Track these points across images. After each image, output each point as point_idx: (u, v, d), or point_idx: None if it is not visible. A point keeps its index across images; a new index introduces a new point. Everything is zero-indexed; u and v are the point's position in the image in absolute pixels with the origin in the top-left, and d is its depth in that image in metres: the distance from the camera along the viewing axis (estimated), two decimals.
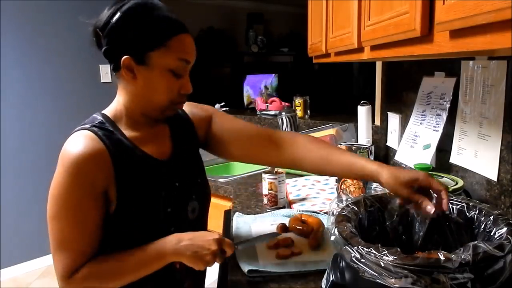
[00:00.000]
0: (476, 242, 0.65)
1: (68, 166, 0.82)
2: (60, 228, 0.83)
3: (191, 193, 0.99)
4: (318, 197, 1.50)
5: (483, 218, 0.78)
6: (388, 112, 1.86)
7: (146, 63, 0.85)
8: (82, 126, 0.89)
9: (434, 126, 1.38)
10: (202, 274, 1.06)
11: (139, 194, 0.88)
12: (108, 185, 0.85)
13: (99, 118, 0.91)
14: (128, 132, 0.91)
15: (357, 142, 1.84)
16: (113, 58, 0.86)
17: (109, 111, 0.93)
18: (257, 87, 2.97)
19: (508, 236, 0.67)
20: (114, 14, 0.85)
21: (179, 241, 0.86)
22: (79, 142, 0.84)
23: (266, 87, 2.88)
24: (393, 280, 0.62)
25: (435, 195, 0.82)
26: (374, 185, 1.32)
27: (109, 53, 0.87)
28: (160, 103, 0.90)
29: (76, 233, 0.83)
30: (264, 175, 1.43)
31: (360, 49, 1.10)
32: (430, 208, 0.80)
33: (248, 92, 3.03)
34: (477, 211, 0.80)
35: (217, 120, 1.07)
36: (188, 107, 1.06)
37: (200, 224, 1.04)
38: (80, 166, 0.81)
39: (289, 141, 1.03)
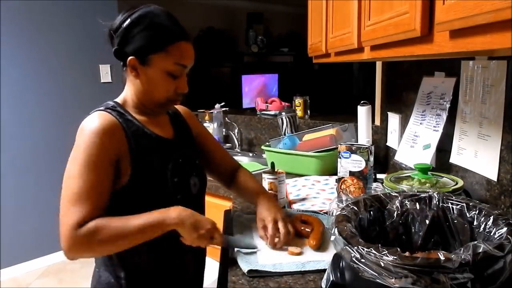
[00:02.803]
0: (476, 242, 0.65)
1: (89, 135, 0.92)
2: (79, 185, 0.90)
3: (192, 170, 1.10)
4: (318, 197, 1.50)
5: (483, 218, 0.78)
6: (388, 112, 1.86)
7: (148, 64, 0.98)
8: (97, 109, 1.00)
9: (434, 126, 1.38)
10: (203, 249, 1.14)
11: (150, 165, 1.00)
12: (121, 155, 0.95)
13: (111, 103, 1.03)
14: (136, 116, 1.03)
15: (357, 142, 1.84)
16: (121, 57, 0.99)
17: (119, 99, 1.06)
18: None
19: (508, 236, 0.67)
20: (125, 19, 0.97)
21: (183, 210, 0.95)
22: (96, 118, 0.95)
23: None
24: (393, 280, 0.62)
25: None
26: (374, 185, 1.32)
27: (118, 53, 0.99)
28: (158, 99, 1.02)
29: (94, 189, 0.91)
30: (264, 175, 1.42)
31: (360, 49, 1.10)
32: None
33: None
34: (477, 211, 0.80)
35: (198, 125, 1.26)
36: (182, 109, 1.23)
37: (200, 201, 1.15)
38: (99, 134, 0.92)
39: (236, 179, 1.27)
